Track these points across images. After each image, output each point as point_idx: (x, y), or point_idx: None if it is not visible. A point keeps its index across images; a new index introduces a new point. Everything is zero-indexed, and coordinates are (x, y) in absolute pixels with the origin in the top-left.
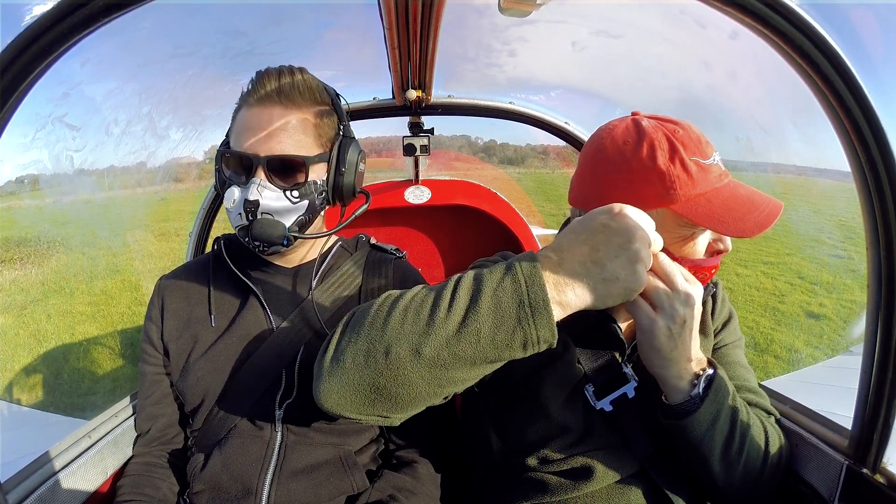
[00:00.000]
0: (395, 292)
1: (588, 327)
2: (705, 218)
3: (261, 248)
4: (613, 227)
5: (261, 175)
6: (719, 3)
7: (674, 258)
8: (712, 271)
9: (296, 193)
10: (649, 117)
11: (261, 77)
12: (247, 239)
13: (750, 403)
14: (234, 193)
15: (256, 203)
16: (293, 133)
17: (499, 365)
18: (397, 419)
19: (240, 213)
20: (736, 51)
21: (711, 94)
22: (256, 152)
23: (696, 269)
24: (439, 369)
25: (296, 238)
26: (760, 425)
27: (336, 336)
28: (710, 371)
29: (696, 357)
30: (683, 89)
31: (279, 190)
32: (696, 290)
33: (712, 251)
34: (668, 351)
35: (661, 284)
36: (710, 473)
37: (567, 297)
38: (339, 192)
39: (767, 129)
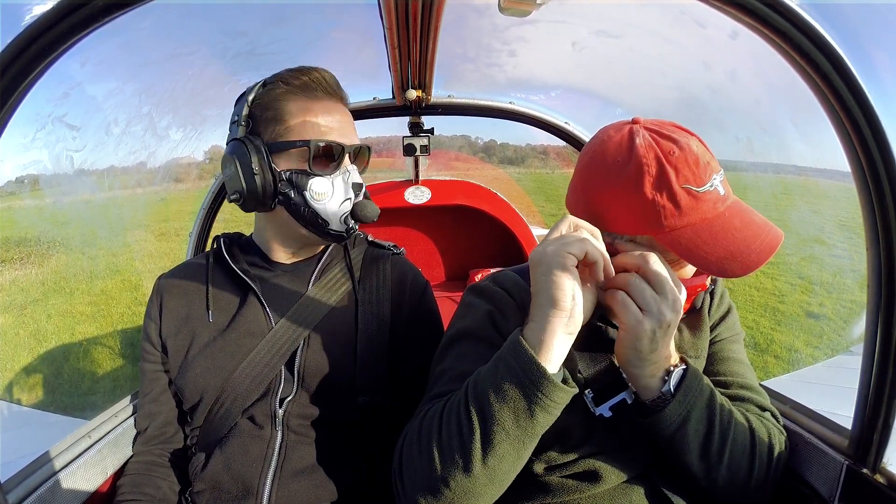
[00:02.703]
0: (422, 425)
1: (587, 332)
2: (687, 253)
3: (353, 229)
4: (534, 260)
5: (347, 162)
6: (719, 3)
7: None
8: (699, 289)
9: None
10: (648, 128)
11: (316, 73)
12: (351, 223)
13: (745, 400)
14: (324, 183)
15: (361, 185)
16: (354, 125)
17: (539, 435)
18: None
19: (349, 199)
20: (736, 51)
21: (711, 94)
22: (344, 142)
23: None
24: (491, 472)
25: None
26: (746, 426)
27: (397, 477)
28: (682, 367)
29: (671, 354)
30: (683, 89)
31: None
32: (682, 295)
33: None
34: (648, 353)
35: (648, 288)
36: (690, 471)
37: (553, 346)
38: None
39: (767, 129)
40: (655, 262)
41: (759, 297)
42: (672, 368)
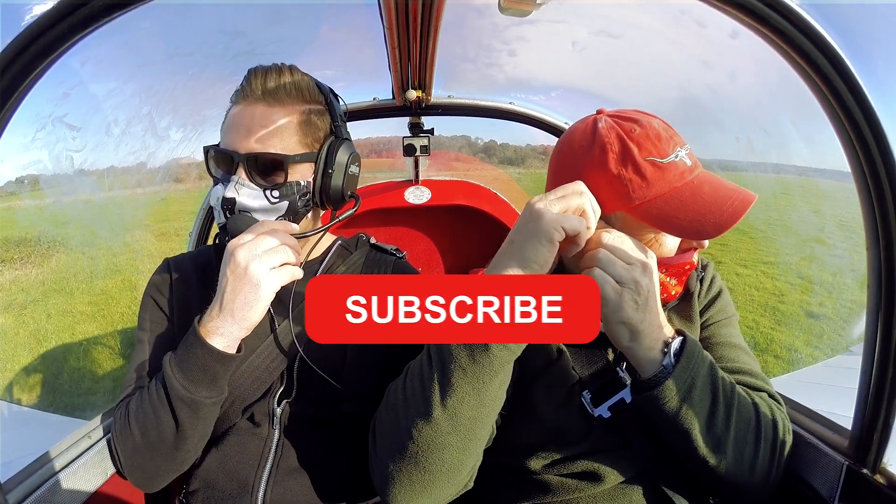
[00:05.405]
0: (391, 392)
1: None
2: (660, 221)
3: None
4: (530, 213)
5: (241, 173)
6: (719, 3)
7: None
8: (686, 268)
9: (276, 193)
10: (610, 115)
11: (249, 76)
12: (226, 238)
13: (740, 384)
14: (217, 192)
15: (233, 201)
16: (275, 132)
17: (504, 382)
18: (468, 481)
19: (219, 212)
20: (736, 51)
21: (711, 94)
22: (236, 149)
23: (667, 267)
24: (452, 416)
25: None
26: (749, 399)
27: (372, 453)
28: (680, 338)
29: (665, 325)
30: (683, 89)
31: (258, 189)
32: (650, 259)
33: (686, 248)
34: (638, 323)
35: (618, 260)
36: (697, 453)
37: None
38: (326, 195)
39: (767, 129)
40: (610, 236)
41: (759, 296)
42: (670, 340)
